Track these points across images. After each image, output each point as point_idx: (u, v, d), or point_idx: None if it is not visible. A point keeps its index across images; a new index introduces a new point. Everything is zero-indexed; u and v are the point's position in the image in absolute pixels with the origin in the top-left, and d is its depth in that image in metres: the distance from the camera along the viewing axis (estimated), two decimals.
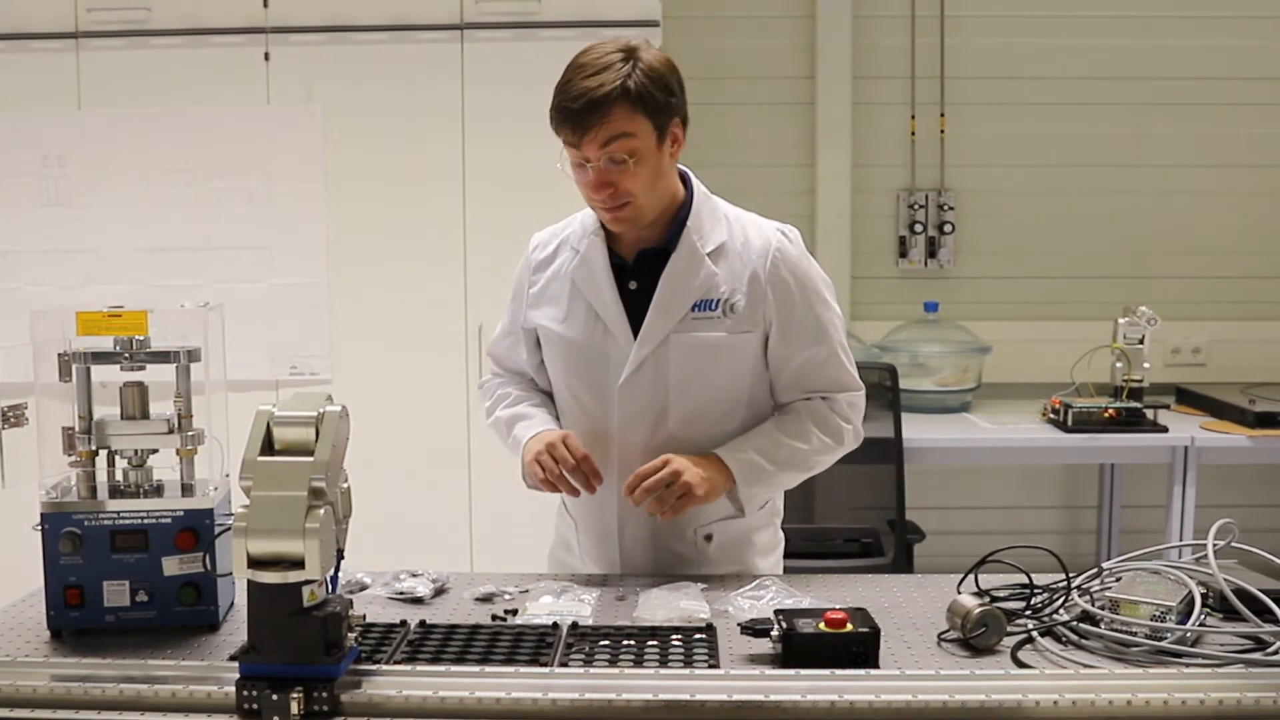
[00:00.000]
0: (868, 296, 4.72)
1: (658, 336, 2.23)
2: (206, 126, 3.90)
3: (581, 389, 2.30)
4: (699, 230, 2.25)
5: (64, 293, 3.85)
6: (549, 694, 1.56)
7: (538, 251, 2.39)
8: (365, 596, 2.09)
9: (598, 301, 2.26)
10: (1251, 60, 4.65)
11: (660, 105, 2.14)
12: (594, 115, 2.08)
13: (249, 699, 1.53)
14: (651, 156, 2.15)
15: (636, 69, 2.11)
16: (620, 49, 2.14)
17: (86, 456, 1.91)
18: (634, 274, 2.26)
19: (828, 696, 1.55)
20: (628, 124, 2.11)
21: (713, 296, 2.23)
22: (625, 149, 2.11)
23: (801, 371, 2.29)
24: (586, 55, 2.15)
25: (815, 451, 2.28)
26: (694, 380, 2.24)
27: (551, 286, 2.34)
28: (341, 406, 1.65)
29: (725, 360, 2.25)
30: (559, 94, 2.13)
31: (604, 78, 2.09)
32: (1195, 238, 4.73)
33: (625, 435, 2.27)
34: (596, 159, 2.12)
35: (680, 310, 2.23)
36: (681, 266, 2.23)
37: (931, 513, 4.36)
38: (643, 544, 2.33)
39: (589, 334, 2.27)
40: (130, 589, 1.88)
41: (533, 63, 3.85)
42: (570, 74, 2.13)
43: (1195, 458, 3.97)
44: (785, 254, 2.26)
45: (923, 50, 4.66)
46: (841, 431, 2.30)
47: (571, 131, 2.12)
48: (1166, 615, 1.80)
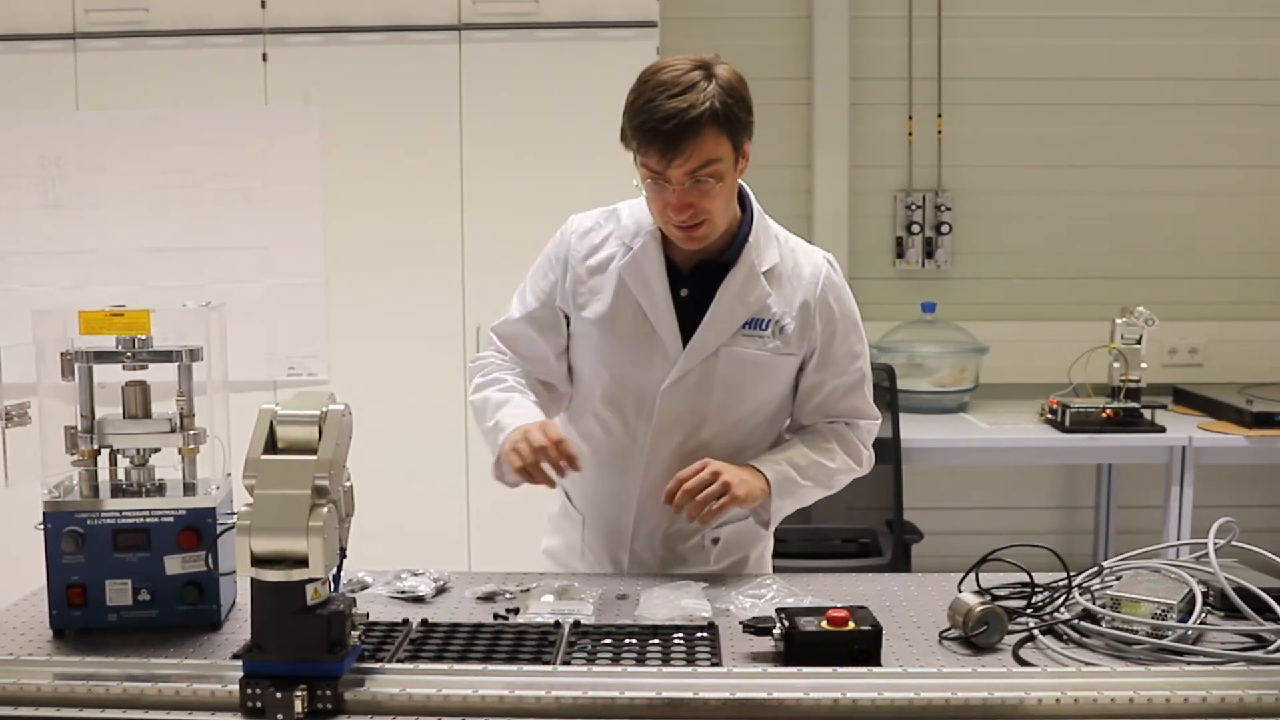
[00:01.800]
0: (865, 297, 4.66)
1: (708, 348, 2.22)
2: (204, 127, 3.90)
3: (617, 388, 2.28)
4: (757, 249, 2.25)
5: (62, 293, 3.85)
6: (552, 692, 1.56)
7: (581, 238, 2.32)
8: (367, 595, 2.09)
9: (649, 304, 2.23)
10: (1251, 60, 4.66)
11: (741, 125, 2.12)
12: (685, 139, 2.04)
13: (253, 697, 1.53)
14: (730, 176, 2.14)
15: (719, 87, 2.07)
16: (696, 65, 2.09)
17: (89, 455, 1.91)
18: (687, 281, 2.25)
19: (830, 694, 1.55)
20: (715, 148, 2.07)
21: (764, 316, 2.24)
22: (711, 172, 2.09)
23: (829, 398, 2.31)
24: (664, 72, 2.08)
25: (838, 471, 2.31)
26: (734, 394, 2.24)
27: (595, 278, 2.29)
28: (344, 405, 1.65)
29: (766, 379, 2.27)
30: (641, 113, 2.07)
31: (692, 98, 2.04)
32: (1193, 238, 4.74)
33: (658, 440, 2.27)
34: (680, 181, 2.09)
35: (733, 325, 2.23)
36: (740, 283, 2.23)
37: (929, 513, 4.37)
38: (653, 543, 2.34)
39: (635, 335, 2.24)
40: (132, 588, 1.88)
41: (530, 63, 3.87)
42: (651, 92, 2.07)
43: (1193, 458, 3.97)
44: (833, 283, 2.29)
45: (920, 51, 4.67)
46: (861, 455, 2.34)
47: (660, 155, 2.06)
48: (1168, 613, 1.80)
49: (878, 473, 4.15)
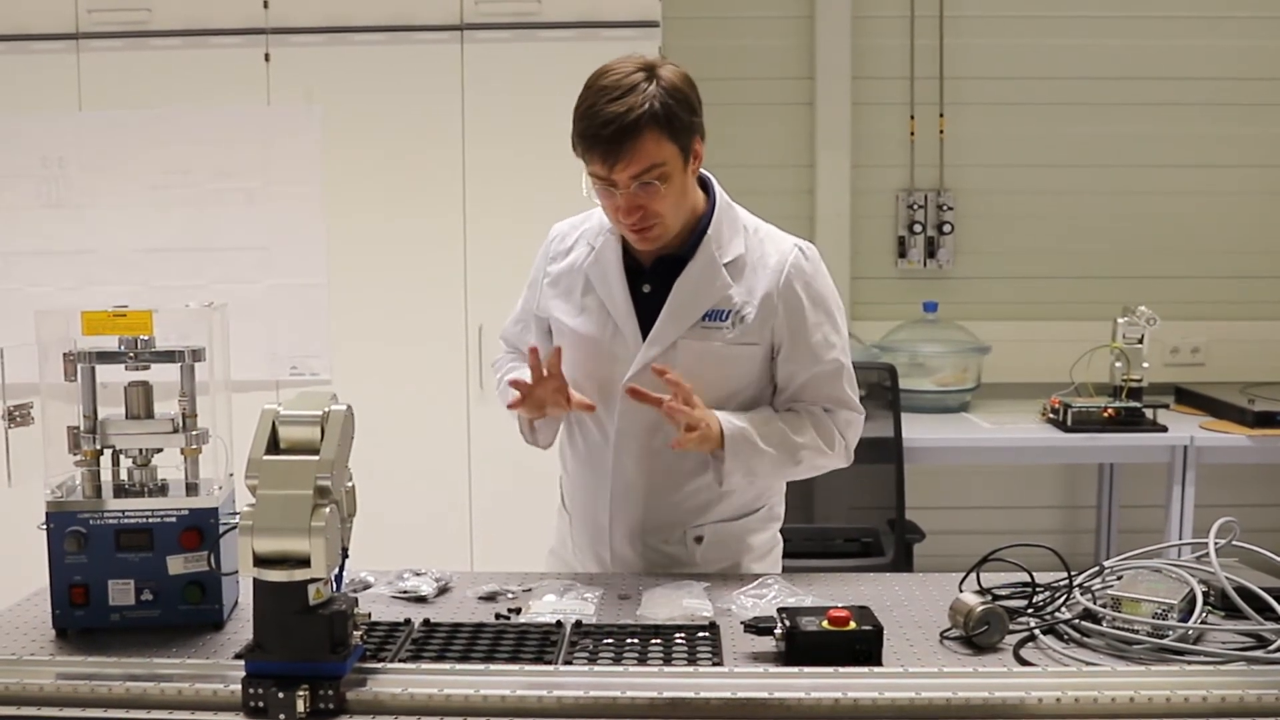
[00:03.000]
0: (867, 296, 4.73)
1: (667, 340, 2.23)
2: (206, 127, 3.90)
3: (586, 383, 2.29)
4: (718, 240, 2.25)
5: (63, 294, 3.85)
6: (554, 691, 1.56)
7: (556, 242, 2.39)
8: (369, 595, 2.10)
9: (609, 300, 2.27)
10: (1251, 60, 4.66)
11: (685, 126, 2.12)
12: (625, 144, 2.05)
13: (255, 697, 1.53)
14: (679, 177, 2.14)
15: (660, 88, 2.08)
16: (640, 67, 2.10)
17: (91, 456, 1.91)
18: (649, 277, 2.27)
19: (831, 694, 1.56)
20: (657, 152, 2.08)
21: (724, 307, 2.24)
22: (657, 175, 2.10)
23: (804, 388, 2.30)
24: (607, 76, 2.10)
25: (804, 446, 2.26)
26: (696, 385, 2.22)
27: (565, 279, 2.34)
28: (347, 406, 1.65)
29: (729, 369, 2.26)
30: (583, 119, 2.09)
31: (631, 101, 2.05)
32: (1195, 237, 4.74)
33: (624, 433, 2.28)
34: (626, 185, 2.10)
35: (692, 317, 2.23)
36: (697, 275, 2.24)
37: (931, 512, 4.37)
38: (632, 541, 2.34)
39: (599, 330, 2.28)
40: (135, 588, 1.88)
41: (532, 63, 3.87)
42: (593, 97, 2.09)
43: (1194, 457, 3.98)
44: (800, 271, 2.27)
45: (922, 51, 4.68)
46: (834, 438, 2.30)
47: (603, 160, 2.08)
48: (1168, 613, 1.81)
49: (879, 472, 4.20)
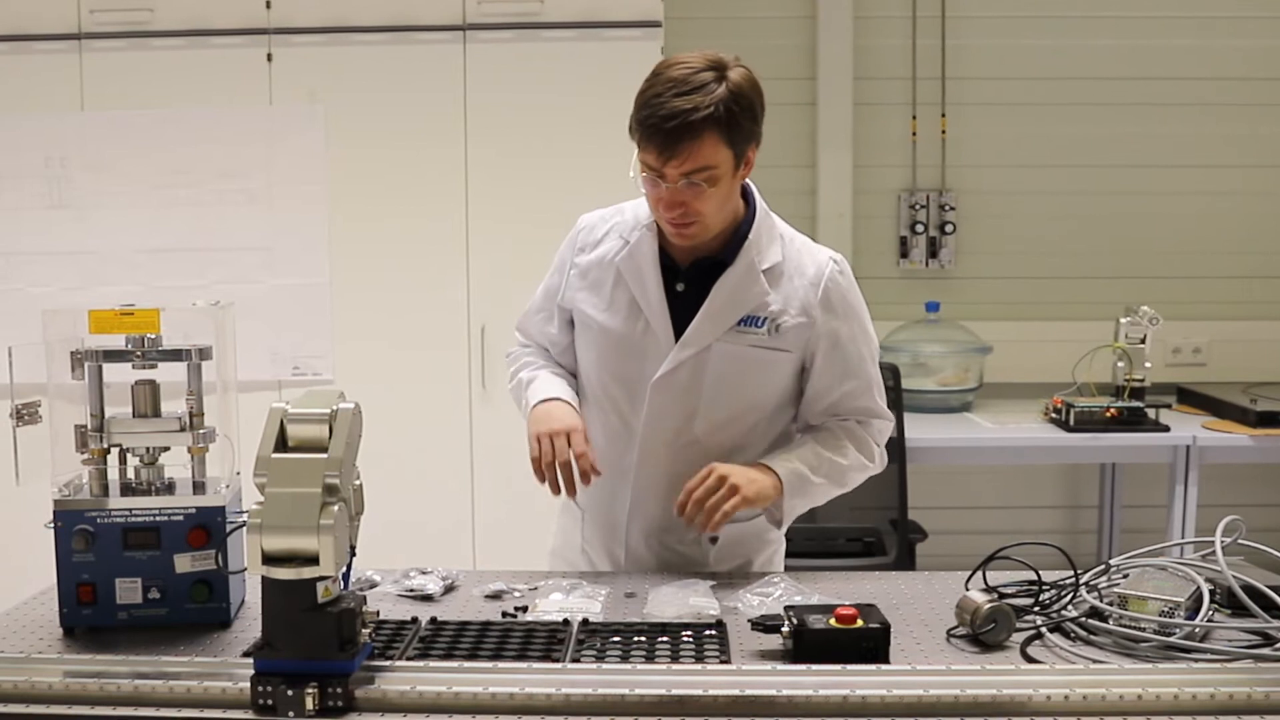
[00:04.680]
0: (869, 297, 4.61)
1: (702, 342, 2.22)
2: (209, 127, 3.91)
3: (612, 381, 2.29)
4: (758, 247, 2.24)
5: (66, 294, 3.85)
6: (562, 689, 1.56)
7: (585, 233, 2.35)
8: (376, 594, 2.10)
9: (642, 296, 2.25)
10: (1251, 60, 4.66)
11: (745, 134, 2.11)
12: (683, 141, 2.03)
13: (264, 694, 1.53)
14: (727, 181, 2.13)
15: (729, 91, 2.05)
16: (710, 64, 2.07)
17: (99, 454, 1.92)
18: (683, 276, 2.26)
19: (839, 691, 1.55)
20: (713, 155, 2.07)
21: (760, 314, 2.23)
22: (706, 177, 2.09)
23: (839, 400, 2.31)
24: (676, 68, 2.07)
25: (851, 468, 2.30)
26: (727, 388, 2.24)
27: (594, 271, 2.31)
28: (355, 404, 1.66)
29: (761, 374, 2.26)
30: (645, 107, 2.06)
31: (697, 100, 2.03)
32: (1196, 237, 4.74)
33: (650, 432, 2.27)
34: (674, 180, 2.09)
35: (728, 321, 2.22)
36: (736, 280, 2.23)
37: (933, 512, 4.37)
38: (648, 540, 2.34)
39: (629, 327, 2.26)
40: (142, 586, 1.88)
41: (535, 63, 3.87)
42: (660, 87, 2.06)
43: (1197, 457, 3.98)
44: (837, 284, 2.27)
45: (924, 51, 4.68)
46: (874, 452, 2.33)
47: (658, 153, 2.06)
48: (1175, 611, 1.81)
49: (882, 472, 4.18)
